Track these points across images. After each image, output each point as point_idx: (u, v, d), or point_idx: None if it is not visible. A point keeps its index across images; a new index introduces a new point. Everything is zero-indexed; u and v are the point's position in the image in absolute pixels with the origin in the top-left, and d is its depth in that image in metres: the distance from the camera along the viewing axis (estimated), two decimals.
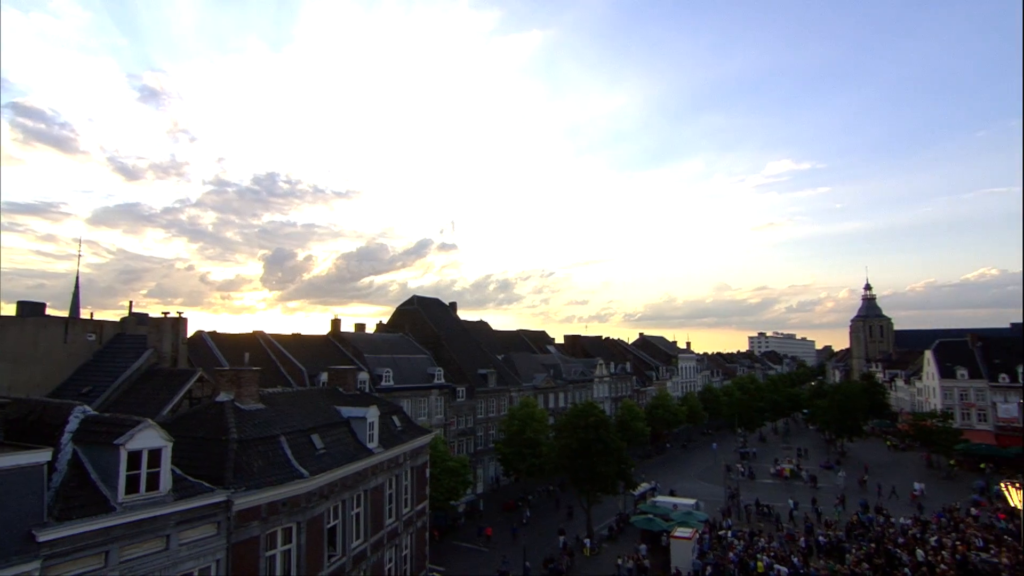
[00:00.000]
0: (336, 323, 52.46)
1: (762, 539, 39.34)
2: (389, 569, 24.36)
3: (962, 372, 77.79)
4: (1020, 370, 73.50)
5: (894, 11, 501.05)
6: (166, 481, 14.51)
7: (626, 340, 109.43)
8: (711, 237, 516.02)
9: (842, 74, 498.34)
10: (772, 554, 35.29)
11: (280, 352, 43.89)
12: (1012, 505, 30.35)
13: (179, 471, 15.30)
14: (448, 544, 41.81)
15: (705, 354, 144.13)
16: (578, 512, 45.19)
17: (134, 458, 13.86)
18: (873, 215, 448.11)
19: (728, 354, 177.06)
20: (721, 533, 41.14)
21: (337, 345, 49.72)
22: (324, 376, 36.22)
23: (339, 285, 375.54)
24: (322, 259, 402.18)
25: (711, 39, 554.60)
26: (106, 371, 22.59)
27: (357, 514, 21.84)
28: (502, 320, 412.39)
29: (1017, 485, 29.71)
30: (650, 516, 41.19)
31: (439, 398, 52.21)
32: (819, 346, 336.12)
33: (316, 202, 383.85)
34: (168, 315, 24.51)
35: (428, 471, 29.29)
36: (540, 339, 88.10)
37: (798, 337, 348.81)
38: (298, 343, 47.18)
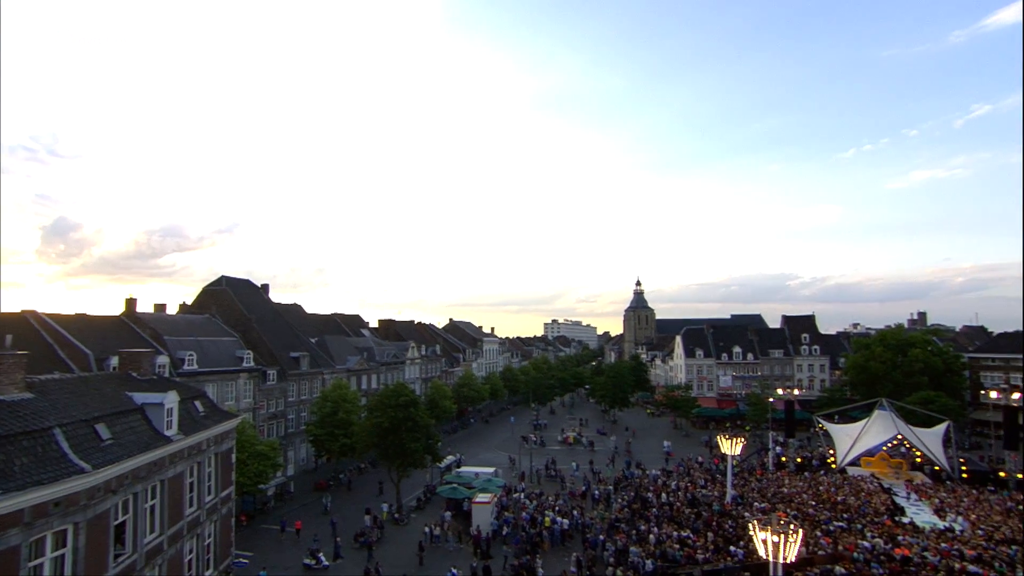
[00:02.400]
0: (131, 303, 44.93)
1: (550, 498, 42.75)
2: (190, 560, 21.69)
3: (699, 352, 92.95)
4: (734, 350, 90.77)
5: (665, 61, 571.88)
6: None
7: (437, 325, 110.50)
8: (518, 233, 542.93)
9: (627, 106, 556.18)
10: (557, 509, 38.61)
11: (59, 334, 36.48)
12: (723, 452, 37.52)
13: None
14: (257, 528, 38.69)
15: (507, 338, 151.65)
16: (388, 486, 44.70)
17: None
18: (646, 224, 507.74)
19: (526, 338, 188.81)
20: (516, 496, 43.78)
21: (132, 326, 42.75)
22: (115, 360, 30.95)
23: (138, 262, 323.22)
24: (117, 232, 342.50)
25: (521, 60, 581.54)
26: None
27: (152, 506, 19.04)
28: (317, 303, 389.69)
29: (727, 436, 37.21)
30: (454, 485, 42.19)
31: (248, 382, 47.73)
32: (600, 331, 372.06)
33: (112, 167, 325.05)
34: None
35: (234, 456, 26.61)
36: (354, 323, 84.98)
37: (584, 324, 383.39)
38: (83, 324, 39.59)
